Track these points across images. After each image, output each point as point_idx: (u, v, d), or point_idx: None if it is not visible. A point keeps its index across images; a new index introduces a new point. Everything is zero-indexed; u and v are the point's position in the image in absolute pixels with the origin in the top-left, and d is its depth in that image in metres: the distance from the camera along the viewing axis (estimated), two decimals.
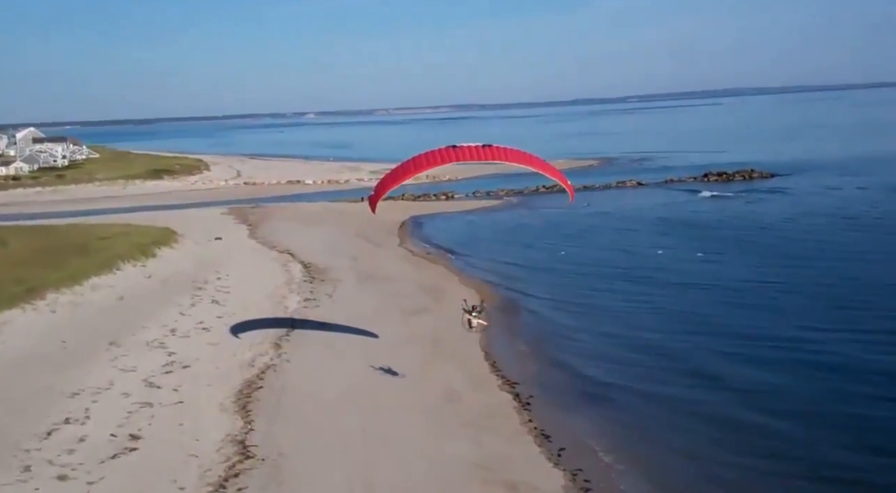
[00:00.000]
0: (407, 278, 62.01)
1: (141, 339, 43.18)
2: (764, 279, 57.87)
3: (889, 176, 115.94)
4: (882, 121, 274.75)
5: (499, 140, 38.26)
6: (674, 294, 55.27)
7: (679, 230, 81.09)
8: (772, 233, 75.18)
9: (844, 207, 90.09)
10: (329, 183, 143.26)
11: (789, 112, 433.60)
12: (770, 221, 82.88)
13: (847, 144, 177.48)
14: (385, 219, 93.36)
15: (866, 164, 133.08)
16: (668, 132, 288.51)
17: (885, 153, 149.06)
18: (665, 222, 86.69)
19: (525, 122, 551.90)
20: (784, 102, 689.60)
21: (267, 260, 67.69)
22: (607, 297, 55.67)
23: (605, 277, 62.19)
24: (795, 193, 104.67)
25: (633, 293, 56.04)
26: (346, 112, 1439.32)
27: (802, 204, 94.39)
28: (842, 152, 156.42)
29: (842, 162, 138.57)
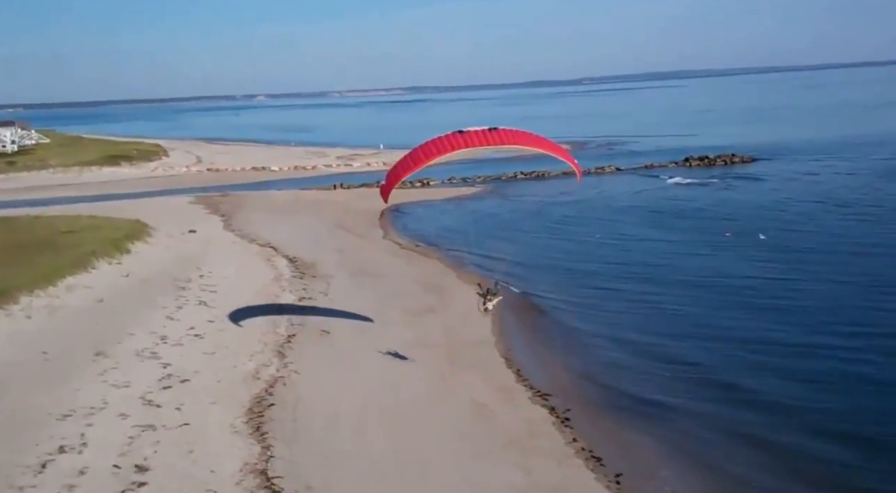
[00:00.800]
0: (402, 274, 58.92)
1: (129, 348, 39.63)
2: (775, 276, 55.04)
3: (871, 159, 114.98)
4: (847, 102, 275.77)
5: (464, 124, 36.30)
6: (683, 293, 52.03)
7: (672, 221, 78.54)
8: (772, 224, 72.65)
9: (836, 193, 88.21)
10: (296, 169, 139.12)
11: (749, 94, 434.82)
12: (765, 210, 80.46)
13: (820, 126, 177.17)
14: (363, 208, 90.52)
15: (844, 146, 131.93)
16: (634, 115, 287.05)
17: (859, 134, 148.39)
18: (656, 212, 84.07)
19: (483, 104, 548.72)
20: (739, 83, 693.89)
21: (249, 255, 64.14)
22: (615, 296, 52.44)
23: (607, 273, 59.11)
24: (782, 178, 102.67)
25: (640, 292, 52.82)
26: (297, 94, 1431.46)
27: (793, 191, 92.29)
28: (817, 134, 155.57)
29: (820, 144, 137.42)
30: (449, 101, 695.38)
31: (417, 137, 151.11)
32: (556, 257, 64.54)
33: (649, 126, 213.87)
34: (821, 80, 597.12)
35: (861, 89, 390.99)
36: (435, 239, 74.54)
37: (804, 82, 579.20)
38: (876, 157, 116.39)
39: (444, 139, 33.92)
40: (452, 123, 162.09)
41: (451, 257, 65.60)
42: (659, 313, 47.94)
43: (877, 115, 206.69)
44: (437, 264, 62.98)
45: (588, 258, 64.28)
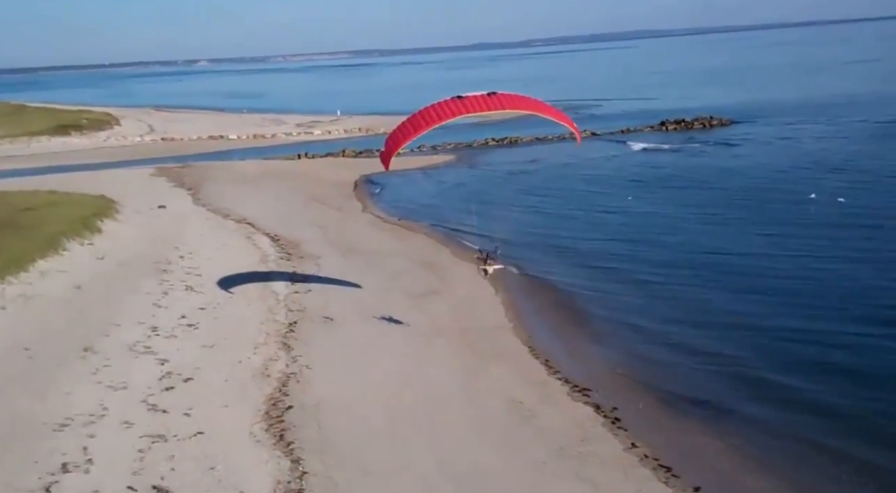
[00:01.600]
0: (393, 252, 55.88)
1: (119, 341, 36.20)
2: (794, 252, 52.03)
3: (853, 120, 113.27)
4: (802, 62, 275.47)
5: (419, 87, 34.10)
6: (691, 273, 49.08)
7: (665, 190, 75.94)
8: (772, 193, 70.15)
9: (827, 156, 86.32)
10: (255, 138, 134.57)
11: (704, 55, 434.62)
12: (762, 177, 78.03)
13: (787, 87, 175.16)
14: (334, 179, 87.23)
15: (819, 107, 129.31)
16: (592, 77, 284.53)
17: (830, 95, 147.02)
18: (648, 179, 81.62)
19: (433, 67, 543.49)
20: (689, 44, 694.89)
21: (227, 232, 60.54)
22: (622, 277, 49.10)
23: (607, 249, 56.36)
24: (768, 142, 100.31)
25: (648, 271, 49.86)
26: (240, 59, 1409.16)
27: (783, 155, 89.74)
28: (788, 95, 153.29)
29: (793, 105, 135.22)
30: (396, 64, 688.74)
31: (373, 103, 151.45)
32: (550, 233, 61.58)
33: (612, 89, 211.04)
34: (768, 41, 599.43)
35: (811, 49, 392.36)
36: (417, 212, 71.49)
37: (755, 42, 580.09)
38: (854, 118, 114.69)
39: (444, 105, 33.04)
40: (407, 87, 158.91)
41: (439, 232, 62.65)
42: (674, 296, 44.87)
43: (837, 75, 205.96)
44: (427, 240, 60.09)
45: (582, 233, 61.64)
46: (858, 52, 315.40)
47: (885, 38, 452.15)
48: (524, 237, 57.05)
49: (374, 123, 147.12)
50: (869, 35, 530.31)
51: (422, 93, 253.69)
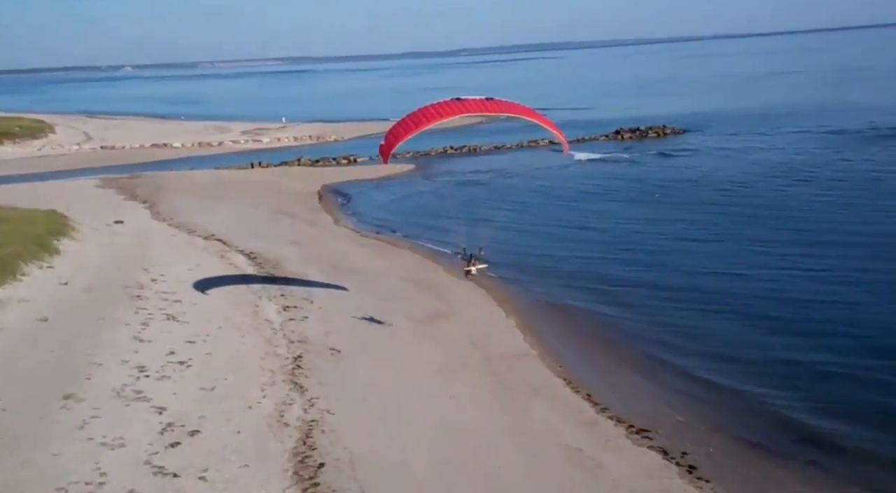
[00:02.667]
0: (382, 270, 51.53)
1: (104, 385, 31.18)
2: (804, 271, 49.35)
3: (797, 129, 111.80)
4: (726, 73, 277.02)
5: (359, 94, 31.55)
6: (710, 292, 46.26)
7: (646, 198, 72.76)
8: (754, 202, 67.66)
9: (792, 165, 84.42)
10: (200, 146, 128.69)
11: (634, 65, 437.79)
12: (735, 183, 75.72)
13: (722, 97, 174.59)
14: (295, 189, 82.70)
15: (762, 117, 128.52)
16: (531, 86, 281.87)
17: (768, 104, 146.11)
18: (618, 188, 78.42)
19: (368, 75, 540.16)
20: (615, 55, 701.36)
21: (197, 250, 55.45)
22: (619, 297, 45.86)
23: (607, 264, 53.19)
24: (725, 150, 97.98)
25: (642, 289, 46.60)
26: (166, 65, 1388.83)
27: (747, 162, 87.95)
28: (725, 105, 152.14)
29: (736, 115, 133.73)
30: (331, 72, 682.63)
31: (317, 110, 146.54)
32: (528, 249, 57.67)
33: (553, 98, 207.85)
34: (690, 52, 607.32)
35: (735, 61, 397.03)
36: (392, 225, 67.74)
37: (673, 54, 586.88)
38: (796, 128, 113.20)
39: (444, 105, 34.12)
40: (348, 94, 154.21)
41: (422, 246, 58.65)
42: (686, 324, 41.28)
43: (764, 86, 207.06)
44: (413, 256, 56.01)
45: (574, 246, 58.00)
46: (780, 65, 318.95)
47: (793, 52, 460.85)
48: (507, 255, 53.14)
49: (324, 130, 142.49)
50: (781, 48, 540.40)
51: (364, 100, 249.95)
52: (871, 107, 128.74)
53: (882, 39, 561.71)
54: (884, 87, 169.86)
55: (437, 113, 34.16)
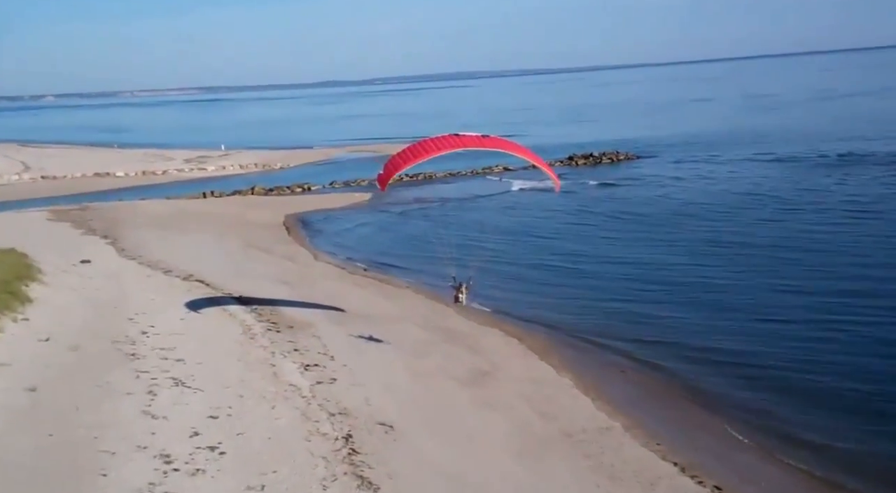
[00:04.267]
0: (393, 316, 44.36)
1: (123, 483, 23.44)
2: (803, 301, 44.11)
3: (743, 156, 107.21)
4: (643, 100, 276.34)
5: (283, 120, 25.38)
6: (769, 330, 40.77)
7: (617, 223, 66.94)
8: (726, 228, 62.75)
9: (762, 189, 79.97)
10: (144, 175, 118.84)
11: (550, 93, 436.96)
12: (707, 210, 70.51)
13: (658, 124, 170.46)
14: (260, 220, 74.90)
15: (710, 143, 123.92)
16: (454, 113, 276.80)
17: (704, 131, 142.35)
18: (589, 214, 72.58)
19: (289, 104, 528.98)
20: (526, 83, 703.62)
21: (180, 293, 47.30)
22: (676, 349, 39.85)
23: (628, 293, 47.38)
24: (686, 177, 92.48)
25: (693, 335, 40.70)
26: (87, 94, 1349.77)
27: (710, 188, 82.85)
28: (666, 131, 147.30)
29: (679, 141, 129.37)
30: (252, 100, 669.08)
31: (254, 137, 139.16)
32: (552, 283, 51.54)
33: (480, 125, 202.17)
34: (596, 81, 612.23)
35: (643, 88, 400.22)
36: (373, 257, 60.93)
37: (585, 83, 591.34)
38: (740, 154, 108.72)
39: (442, 139, 34.38)
40: (276, 123, 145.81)
41: (422, 284, 51.81)
42: (770, 376, 35.48)
43: (689, 112, 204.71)
44: (417, 297, 49.08)
45: (574, 278, 51.68)
46: (688, 92, 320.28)
47: (693, 80, 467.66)
48: (523, 287, 47.58)
49: (268, 158, 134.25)
50: (679, 77, 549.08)
51: (293, 128, 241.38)
52: (805, 133, 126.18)
53: (766, 69, 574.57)
54: (798, 114, 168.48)
55: (436, 146, 34.19)
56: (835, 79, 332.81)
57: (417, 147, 35.45)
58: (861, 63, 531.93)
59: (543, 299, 47.35)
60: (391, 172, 36.40)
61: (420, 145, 35.41)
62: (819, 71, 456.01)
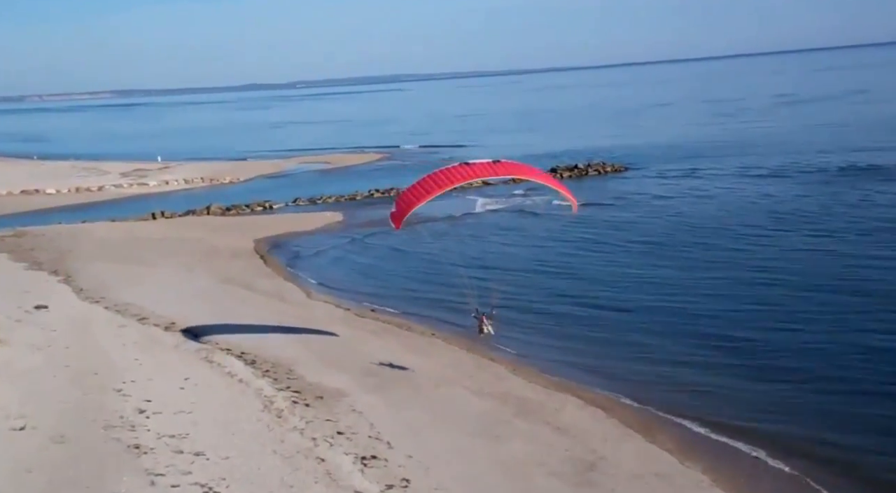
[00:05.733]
0: (435, 375, 38.16)
1: None
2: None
3: (738, 165, 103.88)
4: (605, 104, 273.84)
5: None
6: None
7: (633, 255, 61.30)
8: (769, 261, 57.58)
9: (771, 203, 76.31)
10: (79, 192, 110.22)
11: (493, 97, 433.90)
12: (738, 238, 64.63)
13: (629, 131, 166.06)
14: (228, 247, 68.58)
15: (694, 154, 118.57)
16: (401, 120, 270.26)
17: (686, 139, 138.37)
18: (598, 243, 66.91)
19: (213, 109, 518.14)
20: (458, 87, 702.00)
21: (167, 351, 40.47)
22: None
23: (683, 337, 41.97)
24: (684, 194, 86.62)
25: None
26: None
27: (715, 205, 77.82)
28: (641, 140, 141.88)
29: (666, 151, 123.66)
30: (175, 105, 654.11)
31: (191, 147, 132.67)
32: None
33: (430, 134, 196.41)
34: (537, 85, 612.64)
35: (599, 92, 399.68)
36: (378, 294, 54.93)
37: (524, 86, 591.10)
38: (736, 164, 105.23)
39: (454, 170, 33.97)
40: (206, 130, 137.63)
41: (447, 329, 45.61)
42: None
43: (655, 119, 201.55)
44: (449, 348, 43.05)
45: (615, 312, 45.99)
46: (650, 96, 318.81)
47: (639, 83, 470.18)
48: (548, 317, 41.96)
49: (216, 171, 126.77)
50: (620, 81, 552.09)
51: (227, 136, 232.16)
52: (787, 143, 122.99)
53: (716, 71, 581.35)
54: (769, 121, 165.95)
55: (448, 180, 33.79)
56: (792, 82, 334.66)
57: (429, 181, 34.45)
58: (811, 66, 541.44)
59: (581, 351, 41.65)
60: (405, 210, 35.31)
61: (431, 179, 34.41)
62: (772, 74, 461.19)
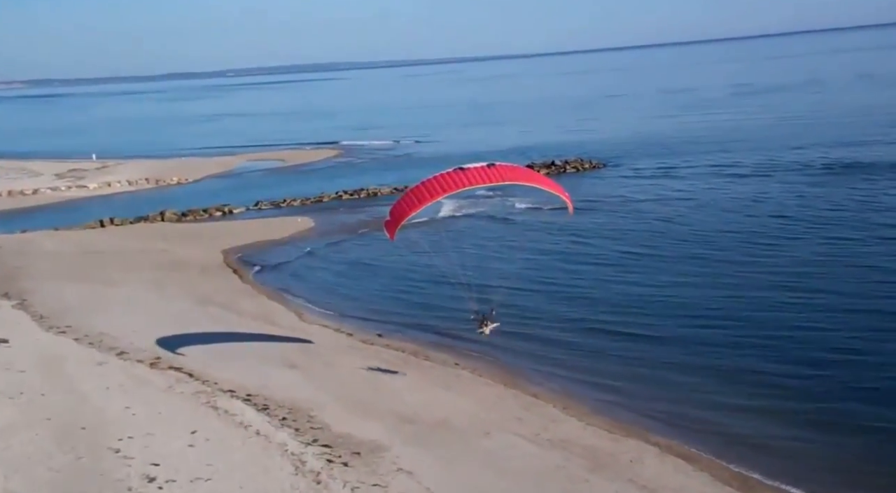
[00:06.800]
0: (477, 418, 34.20)
1: None
2: None
3: (716, 162, 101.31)
4: (556, 96, 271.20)
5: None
6: None
7: (639, 271, 57.60)
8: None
9: (768, 205, 73.39)
10: (11, 195, 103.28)
11: (440, 87, 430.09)
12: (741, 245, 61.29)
13: (593, 125, 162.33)
14: (193, 260, 64.74)
15: (669, 149, 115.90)
16: (349, 113, 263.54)
17: (650, 132, 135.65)
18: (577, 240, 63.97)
19: (136, 100, 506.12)
20: (399, 76, 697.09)
21: (160, 393, 35.76)
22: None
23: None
24: (669, 195, 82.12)
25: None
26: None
27: (711, 207, 74.56)
28: (613, 134, 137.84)
29: (641, 147, 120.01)
30: (97, 95, 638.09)
31: (130, 144, 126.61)
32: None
33: (385, 126, 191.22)
34: (489, 73, 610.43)
35: (549, 82, 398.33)
36: (378, 310, 51.39)
37: (481, 75, 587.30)
38: (714, 161, 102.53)
39: (448, 177, 33.30)
40: (136, 123, 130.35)
41: (476, 358, 41.61)
42: None
43: (613, 111, 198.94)
44: (485, 384, 38.87)
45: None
46: (602, 87, 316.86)
47: (589, 73, 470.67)
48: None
49: (160, 170, 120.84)
50: (571, 70, 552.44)
51: (167, 129, 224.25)
52: (757, 136, 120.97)
53: (662, 59, 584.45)
54: (733, 112, 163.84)
55: (441, 188, 33.26)
56: (745, 71, 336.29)
57: (422, 190, 33.82)
58: (757, 54, 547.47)
59: (629, 391, 38.01)
60: (398, 219, 34.68)
61: (424, 187, 33.76)
62: (722, 62, 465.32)
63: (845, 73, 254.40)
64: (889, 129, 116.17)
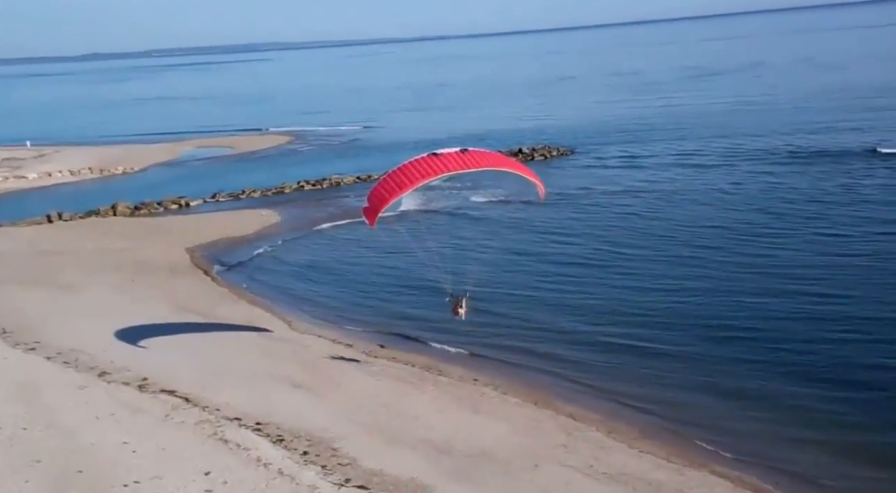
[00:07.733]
0: (521, 448, 31.07)
1: None
2: None
3: (679, 148, 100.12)
4: (523, 77, 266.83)
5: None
6: None
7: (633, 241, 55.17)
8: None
9: (740, 195, 71.45)
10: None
11: (363, 70, 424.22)
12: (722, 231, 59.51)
13: (551, 109, 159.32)
14: (159, 260, 61.03)
15: (632, 134, 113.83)
16: (282, 97, 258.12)
17: (610, 118, 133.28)
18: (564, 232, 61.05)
19: (63, 81, 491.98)
20: (335, 58, 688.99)
21: (158, 422, 31.86)
22: None
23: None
24: (647, 183, 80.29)
25: None
26: None
27: (684, 197, 72.63)
28: (577, 120, 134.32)
29: (605, 132, 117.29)
30: (7, 76, 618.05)
31: (51, 127, 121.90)
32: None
33: (339, 112, 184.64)
34: (415, 56, 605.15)
35: (493, 64, 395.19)
36: (366, 314, 48.53)
37: (414, 57, 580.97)
38: (676, 147, 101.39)
39: (423, 163, 33.27)
40: (62, 108, 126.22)
41: (480, 367, 38.71)
42: None
43: (567, 93, 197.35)
44: (516, 404, 35.50)
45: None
46: (550, 69, 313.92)
47: (521, 56, 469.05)
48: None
49: (103, 158, 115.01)
50: (515, 51, 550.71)
51: (100, 114, 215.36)
52: (717, 122, 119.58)
53: (600, 41, 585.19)
54: (688, 95, 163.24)
55: (419, 174, 33.10)
56: (689, 54, 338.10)
57: (400, 175, 33.62)
58: (692, 36, 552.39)
59: (669, 415, 35.22)
60: (378, 207, 34.31)
61: (402, 172, 33.55)
62: (663, 44, 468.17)
63: (785, 57, 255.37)
64: (846, 113, 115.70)
